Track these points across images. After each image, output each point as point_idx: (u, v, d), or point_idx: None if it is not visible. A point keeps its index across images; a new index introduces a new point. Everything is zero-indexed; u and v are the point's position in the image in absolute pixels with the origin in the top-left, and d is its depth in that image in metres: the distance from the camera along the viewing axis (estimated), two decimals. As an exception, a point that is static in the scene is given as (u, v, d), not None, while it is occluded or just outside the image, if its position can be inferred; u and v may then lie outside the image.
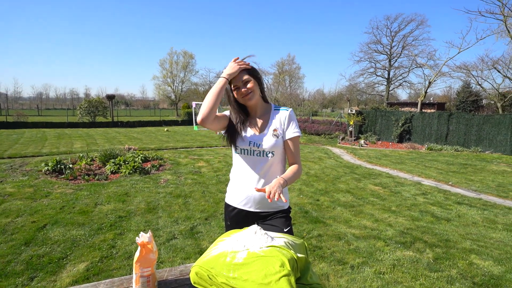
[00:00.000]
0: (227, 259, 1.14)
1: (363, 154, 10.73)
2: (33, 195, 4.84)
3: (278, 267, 1.08)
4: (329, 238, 3.54)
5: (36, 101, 65.53)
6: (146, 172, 6.59)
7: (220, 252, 1.18)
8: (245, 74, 1.50)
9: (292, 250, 1.21)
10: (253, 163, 1.56)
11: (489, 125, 11.74)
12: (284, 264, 1.10)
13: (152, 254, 1.14)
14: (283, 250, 1.18)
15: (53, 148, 10.23)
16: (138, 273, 1.11)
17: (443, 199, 5.31)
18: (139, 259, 1.12)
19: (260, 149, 1.54)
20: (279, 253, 1.16)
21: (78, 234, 3.49)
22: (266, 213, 1.59)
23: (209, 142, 12.98)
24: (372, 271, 2.82)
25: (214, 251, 1.21)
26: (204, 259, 1.19)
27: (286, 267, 1.09)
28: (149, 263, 1.13)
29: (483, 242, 3.53)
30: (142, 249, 1.12)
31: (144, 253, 1.12)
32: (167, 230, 3.65)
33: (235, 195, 1.63)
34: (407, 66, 31.90)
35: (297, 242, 1.30)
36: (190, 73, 40.78)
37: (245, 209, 1.59)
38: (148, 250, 1.13)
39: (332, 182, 6.29)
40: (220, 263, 1.13)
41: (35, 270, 2.72)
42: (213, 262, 1.15)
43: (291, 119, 1.56)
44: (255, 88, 1.52)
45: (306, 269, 1.22)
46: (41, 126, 19.80)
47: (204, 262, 1.16)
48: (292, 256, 1.17)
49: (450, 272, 2.83)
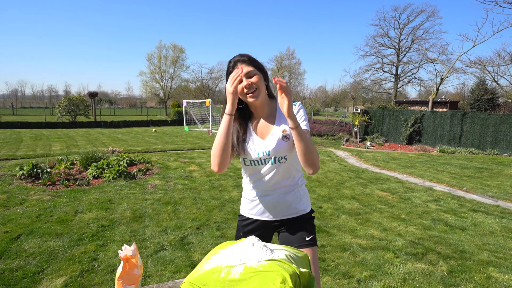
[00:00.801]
0: (221, 275, 1.11)
1: (370, 157, 10.76)
2: (6, 203, 4.78)
3: (279, 283, 1.06)
4: (333, 249, 3.52)
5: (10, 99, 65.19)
6: (132, 176, 6.54)
7: (213, 267, 1.16)
8: (247, 65, 1.40)
9: (294, 264, 1.18)
10: (265, 171, 1.51)
11: (507, 126, 11.82)
12: (285, 280, 1.07)
13: (137, 270, 1.11)
14: (284, 264, 1.16)
15: (29, 151, 10.14)
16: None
17: (457, 206, 5.32)
18: (122, 275, 1.09)
19: (270, 156, 1.47)
20: (279, 268, 1.14)
21: (56, 245, 3.44)
22: (285, 220, 1.59)
23: (201, 144, 12.94)
24: (380, 285, 2.80)
25: (206, 266, 1.18)
26: (196, 274, 1.16)
27: (288, 284, 1.06)
28: (134, 280, 1.10)
29: (501, 253, 3.53)
30: (126, 264, 1.09)
31: (128, 268, 1.09)
32: (155, 241, 3.61)
33: (249, 206, 1.62)
34: (417, 61, 32.13)
35: (299, 255, 1.28)
36: (180, 69, 40.79)
37: (262, 219, 1.60)
38: (132, 264, 1.10)
39: (336, 188, 6.29)
40: (213, 279, 1.11)
41: (7, 286, 2.67)
42: (206, 278, 1.12)
43: (300, 114, 1.47)
44: (261, 84, 1.41)
45: (309, 285, 1.19)
46: (16, 126, 19.67)
47: (195, 278, 1.13)
48: (294, 271, 1.14)
49: (467, 286, 2.81)
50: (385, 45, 33.23)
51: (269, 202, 1.56)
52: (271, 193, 1.55)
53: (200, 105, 21.01)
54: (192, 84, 43.11)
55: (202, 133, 17.99)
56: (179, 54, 40.02)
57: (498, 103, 24.60)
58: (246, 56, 1.43)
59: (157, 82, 40.31)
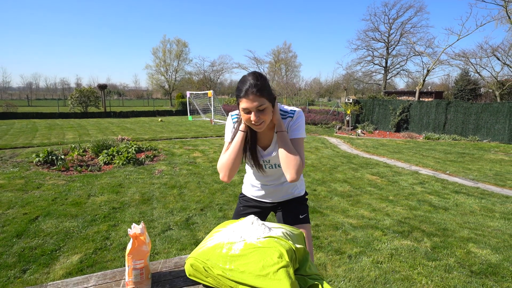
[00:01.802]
0: (223, 251, 1.12)
1: (360, 143, 10.75)
2: (24, 187, 4.78)
3: (276, 258, 1.06)
4: (326, 228, 3.54)
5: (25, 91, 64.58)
6: (140, 163, 6.53)
7: (216, 244, 1.16)
8: (259, 97, 1.29)
9: (291, 241, 1.18)
10: (266, 172, 1.57)
11: (488, 114, 11.80)
12: (282, 255, 1.08)
13: (145, 246, 1.11)
14: (281, 241, 1.16)
15: (44, 139, 10.10)
16: (131, 266, 1.08)
17: (441, 188, 5.35)
18: (131, 251, 1.09)
19: (271, 163, 1.54)
20: (277, 244, 1.14)
21: (71, 225, 3.45)
22: (282, 202, 1.68)
23: (204, 132, 12.90)
24: (369, 260, 2.83)
25: (209, 242, 1.19)
26: (199, 250, 1.16)
27: (285, 258, 1.07)
28: (142, 256, 1.10)
29: (480, 231, 3.56)
30: (135, 241, 1.09)
31: (137, 245, 1.09)
32: (162, 221, 3.63)
33: (250, 189, 1.71)
34: (405, 54, 31.80)
35: (295, 233, 1.28)
36: (183, 62, 40.33)
37: (261, 200, 1.70)
38: (140, 242, 1.10)
39: (329, 172, 6.30)
40: (216, 254, 1.11)
41: (27, 262, 2.69)
42: (209, 254, 1.12)
43: (295, 122, 1.45)
44: (268, 115, 1.34)
45: (304, 260, 1.20)
46: (32, 116, 19.53)
47: (200, 254, 1.14)
48: (291, 247, 1.15)
49: (448, 261, 2.85)
50: (375, 39, 32.81)
51: (268, 189, 1.64)
52: (271, 183, 1.63)
53: (202, 96, 20.85)
54: (195, 76, 42.69)
55: (205, 122, 17.92)
56: (182, 48, 39.52)
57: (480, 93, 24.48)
58: (258, 86, 1.29)
59: (162, 75, 39.92)
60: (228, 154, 1.40)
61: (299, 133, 1.45)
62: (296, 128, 1.45)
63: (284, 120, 1.46)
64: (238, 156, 1.39)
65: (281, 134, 1.39)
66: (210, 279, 1.09)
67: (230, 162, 1.39)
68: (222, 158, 1.42)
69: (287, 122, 1.46)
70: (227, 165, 1.39)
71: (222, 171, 1.40)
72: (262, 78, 1.33)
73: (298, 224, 1.58)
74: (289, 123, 1.45)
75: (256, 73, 1.35)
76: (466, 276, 2.61)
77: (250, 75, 1.34)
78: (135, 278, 1.09)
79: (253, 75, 1.33)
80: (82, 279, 1.18)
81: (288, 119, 1.46)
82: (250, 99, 1.28)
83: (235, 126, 1.46)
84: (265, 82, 1.33)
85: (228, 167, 1.39)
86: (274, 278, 1.01)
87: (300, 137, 1.45)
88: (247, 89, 1.29)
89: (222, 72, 43.82)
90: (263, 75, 1.36)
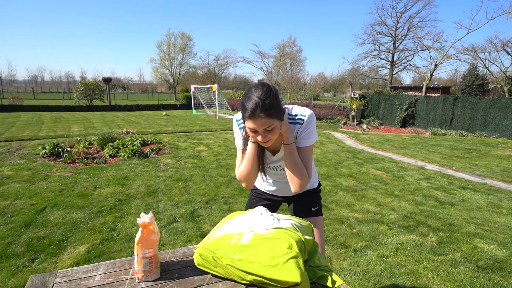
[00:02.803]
0: (232, 241, 1.12)
1: (366, 138, 10.69)
2: (31, 178, 4.83)
3: (286, 248, 1.06)
4: (331, 222, 3.54)
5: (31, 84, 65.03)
6: (145, 156, 6.57)
7: (224, 234, 1.16)
8: (268, 118, 1.16)
9: (300, 232, 1.18)
10: (277, 173, 1.55)
11: (496, 109, 11.64)
12: (291, 246, 1.08)
13: (154, 235, 1.11)
14: (290, 232, 1.16)
15: (50, 132, 10.19)
16: (140, 254, 1.09)
17: (447, 183, 5.31)
18: (140, 240, 1.09)
19: (279, 169, 1.51)
20: (286, 235, 1.14)
21: (78, 217, 3.49)
22: (294, 195, 1.65)
23: (209, 126, 12.91)
24: (375, 254, 2.83)
25: (218, 233, 1.19)
26: (208, 240, 1.16)
27: (294, 249, 1.07)
28: (151, 244, 1.10)
29: (487, 226, 3.54)
30: (144, 230, 1.10)
31: (146, 234, 1.10)
32: (167, 214, 3.66)
33: (263, 184, 1.67)
34: (412, 49, 31.42)
35: (304, 224, 1.27)
36: (188, 56, 40.23)
37: (273, 194, 1.67)
38: (149, 231, 1.10)
39: (334, 167, 6.28)
40: (225, 244, 1.11)
41: (35, 252, 2.73)
42: (218, 244, 1.12)
43: (305, 129, 1.34)
44: (277, 132, 1.23)
45: (313, 251, 1.20)
46: (37, 109, 19.69)
47: (208, 244, 1.14)
48: (300, 238, 1.14)
49: (454, 255, 2.84)
50: (382, 33, 32.42)
51: (280, 185, 1.61)
52: (282, 180, 1.59)
53: (207, 90, 20.82)
54: (200, 70, 42.61)
55: (209, 116, 17.92)
56: (187, 42, 39.39)
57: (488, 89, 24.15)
58: (265, 107, 1.15)
59: (166, 69, 39.89)
60: (245, 165, 1.38)
61: (309, 141, 1.35)
62: (305, 136, 1.34)
63: (293, 126, 1.34)
64: (254, 166, 1.38)
65: (288, 147, 1.31)
66: (219, 269, 1.10)
67: (249, 172, 1.38)
68: (241, 169, 1.40)
69: (295, 129, 1.34)
70: (247, 176, 1.40)
71: (244, 182, 1.42)
72: (271, 94, 1.17)
73: (310, 217, 1.57)
74: (298, 130, 1.34)
75: (264, 88, 1.18)
76: (473, 271, 2.60)
77: (257, 90, 1.18)
78: (144, 266, 1.09)
79: (260, 90, 1.17)
80: (91, 267, 1.19)
81: (297, 125, 1.34)
82: (257, 121, 1.16)
83: (243, 132, 1.40)
84: (274, 99, 1.17)
85: (248, 177, 1.40)
86: (283, 268, 1.01)
87: (309, 145, 1.36)
88: (254, 110, 1.15)
89: (227, 66, 43.69)
90: (271, 88, 1.20)
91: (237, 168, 1.43)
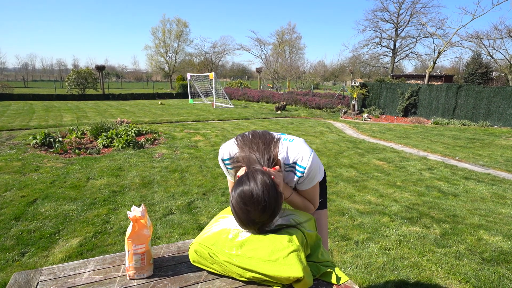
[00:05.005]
0: (229, 236, 1.07)
1: (367, 128, 10.64)
2: (22, 169, 4.76)
3: (286, 242, 1.01)
4: (332, 213, 3.51)
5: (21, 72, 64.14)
6: (140, 146, 6.49)
7: (221, 229, 1.11)
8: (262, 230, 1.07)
9: (301, 226, 1.13)
10: None
11: (500, 98, 11.57)
12: (292, 240, 1.03)
13: (146, 230, 1.06)
14: (290, 226, 1.11)
15: (42, 121, 10.06)
16: (131, 250, 1.03)
17: (450, 174, 5.29)
18: (131, 235, 1.04)
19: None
20: (286, 229, 1.09)
21: (70, 209, 3.44)
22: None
23: (206, 115, 12.81)
24: (377, 247, 2.80)
25: (215, 228, 1.14)
26: (204, 235, 1.11)
27: (295, 242, 1.02)
28: (143, 240, 1.05)
29: (491, 217, 3.52)
30: (135, 224, 1.04)
31: (137, 228, 1.04)
32: (163, 205, 3.61)
33: None
34: (415, 36, 31.12)
35: (305, 218, 1.22)
36: (184, 43, 39.62)
37: None
38: (141, 225, 1.05)
39: (335, 157, 6.24)
40: (222, 240, 1.06)
41: (26, 245, 2.69)
42: (214, 239, 1.07)
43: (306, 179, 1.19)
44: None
45: (316, 246, 1.15)
46: (28, 98, 19.44)
47: (204, 239, 1.09)
48: (301, 232, 1.10)
49: (458, 247, 2.82)
50: (384, 20, 32.04)
51: None
52: None
53: (204, 78, 20.60)
54: (196, 58, 42.10)
55: (206, 105, 17.77)
56: (182, 29, 38.76)
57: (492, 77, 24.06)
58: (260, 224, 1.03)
59: (162, 56, 39.36)
60: None
61: (312, 183, 1.23)
62: (307, 182, 1.21)
63: (291, 174, 1.20)
64: None
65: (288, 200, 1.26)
66: (215, 266, 1.05)
67: None
68: None
69: (295, 179, 1.20)
70: None
71: None
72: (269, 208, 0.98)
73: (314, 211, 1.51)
74: (298, 179, 1.20)
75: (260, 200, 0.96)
76: (477, 263, 2.58)
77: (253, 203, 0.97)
78: (136, 263, 1.04)
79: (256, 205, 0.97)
80: (80, 263, 1.13)
81: (295, 177, 1.19)
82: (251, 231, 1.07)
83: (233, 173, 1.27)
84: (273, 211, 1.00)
85: None
86: (284, 263, 0.96)
87: (313, 185, 1.24)
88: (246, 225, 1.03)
89: (224, 53, 43.17)
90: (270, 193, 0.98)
91: None
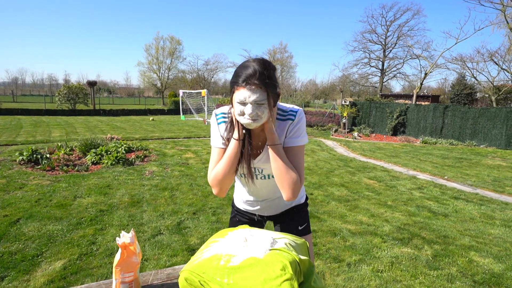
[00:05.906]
0: (220, 263, 1.04)
1: (357, 146, 10.76)
2: (6, 187, 4.62)
3: (279, 270, 0.99)
4: (324, 234, 3.48)
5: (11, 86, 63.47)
6: (130, 163, 6.40)
7: (213, 255, 1.08)
8: (262, 89, 1.08)
9: (294, 252, 1.11)
10: (258, 184, 1.38)
11: (485, 119, 11.92)
12: (285, 267, 1.01)
13: (135, 257, 1.02)
14: (283, 252, 1.09)
15: (29, 137, 9.88)
16: (119, 279, 1.00)
17: (440, 193, 5.34)
18: (119, 262, 1.00)
19: (263, 173, 1.33)
20: (279, 256, 1.07)
21: (55, 229, 3.33)
22: (280, 213, 1.50)
23: (197, 132, 12.79)
24: (369, 269, 2.77)
25: (206, 253, 1.11)
26: (195, 262, 1.08)
27: (288, 271, 1.00)
28: (132, 267, 1.02)
29: (481, 238, 3.54)
30: (124, 251, 1.01)
31: (126, 256, 1.01)
32: (152, 225, 3.53)
33: (243, 204, 1.53)
34: (402, 57, 32.21)
35: (298, 242, 1.20)
36: (177, 60, 40.15)
37: (257, 214, 1.53)
38: (130, 252, 1.02)
39: (326, 176, 6.26)
40: (213, 267, 1.03)
41: (6, 269, 2.57)
42: (205, 266, 1.04)
43: (296, 125, 1.24)
44: (266, 114, 1.12)
45: (309, 272, 1.13)
46: (16, 113, 19.16)
47: (195, 266, 1.06)
48: (294, 259, 1.08)
49: (450, 270, 2.81)
50: (372, 41, 33.18)
51: (262, 204, 1.47)
52: (264, 199, 1.45)
53: (196, 95, 20.71)
54: (189, 75, 42.49)
55: (197, 122, 17.78)
56: (176, 46, 39.32)
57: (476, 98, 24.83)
58: (263, 76, 1.08)
59: (154, 73, 39.66)
60: (221, 167, 1.21)
61: (301, 139, 1.24)
62: (296, 133, 1.24)
63: (283, 123, 1.24)
64: (232, 169, 1.21)
65: (275, 148, 1.18)
66: (206, 295, 1.01)
67: (226, 175, 1.21)
68: (216, 171, 1.22)
69: (286, 126, 1.24)
70: (222, 179, 1.21)
71: (217, 187, 1.23)
72: (271, 68, 1.12)
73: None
74: (289, 126, 1.24)
75: (264, 60, 1.12)
76: (469, 286, 2.57)
77: (255, 60, 1.12)
78: (123, 292, 1.00)
79: (259, 61, 1.11)
80: (64, 292, 1.09)
81: (288, 122, 1.24)
82: (251, 89, 1.07)
83: (226, 129, 1.25)
84: (273, 72, 1.13)
85: (223, 181, 1.22)
86: (277, 293, 0.93)
87: (301, 144, 1.25)
88: (250, 76, 1.07)
89: (216, 71, 43.75)
90: (271, 64, 1.14)
91: (211, 169, 1.25)
